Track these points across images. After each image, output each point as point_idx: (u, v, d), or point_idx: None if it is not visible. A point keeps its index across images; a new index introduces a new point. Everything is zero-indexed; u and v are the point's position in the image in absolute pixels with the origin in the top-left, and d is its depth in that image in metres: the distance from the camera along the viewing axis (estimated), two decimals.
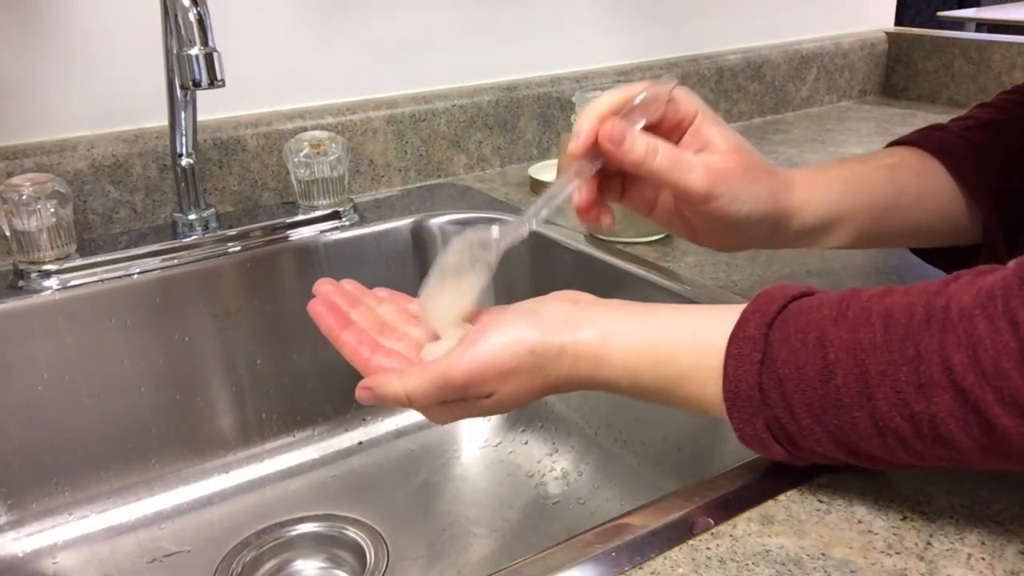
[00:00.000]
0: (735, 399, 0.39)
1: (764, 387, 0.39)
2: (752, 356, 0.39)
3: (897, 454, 0.37)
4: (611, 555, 0.38)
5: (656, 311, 0.44)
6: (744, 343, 0.39)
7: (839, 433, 0.37)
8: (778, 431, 0.39)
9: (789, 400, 0.38)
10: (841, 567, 0.37)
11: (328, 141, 0.78)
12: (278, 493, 0.75)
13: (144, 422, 0.72)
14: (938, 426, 0.34)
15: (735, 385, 0.39)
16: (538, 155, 1.02)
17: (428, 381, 0.42)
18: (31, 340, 0.67)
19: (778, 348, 0.39)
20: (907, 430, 0.35)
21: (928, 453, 0.36)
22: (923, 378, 0.34)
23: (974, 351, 0.33)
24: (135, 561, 0.68)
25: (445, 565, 0.67)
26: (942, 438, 0.35)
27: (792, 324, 0.39)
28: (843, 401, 0.36)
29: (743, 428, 0.40)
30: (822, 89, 1.29)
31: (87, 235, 0.77)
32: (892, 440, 0.36)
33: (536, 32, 1.02)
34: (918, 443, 0.35)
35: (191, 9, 0.60)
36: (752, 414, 0.39)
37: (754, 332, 0.39)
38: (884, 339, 0.36)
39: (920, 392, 0.35)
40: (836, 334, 0.37)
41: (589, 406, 0.77)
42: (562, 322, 0.44)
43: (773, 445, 0.40)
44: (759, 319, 0.40)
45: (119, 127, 0.80)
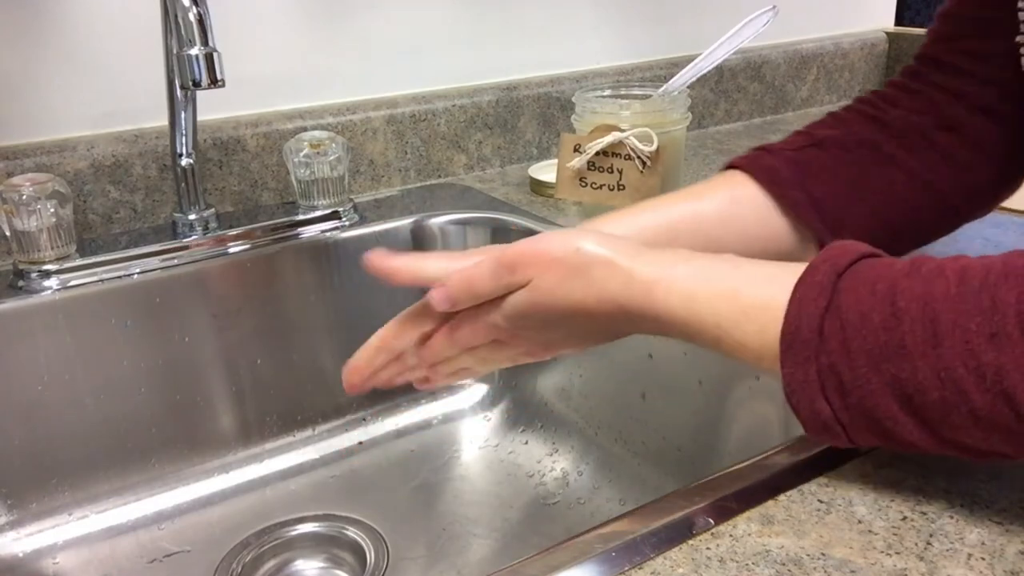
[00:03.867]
0: (792, 342, 0.38)
1: (825, 332, 0.37)
2: (817, 301, 0.38)
3: (953, 412, 0.35)
4: (611, 555, 0.38)
5: (725, 255, 0.44)
6: (811, 288, 0.39)
7: (896, 383, 0.36)
8: (830, 379, 0.37)
9: (849, 346, 0.37)
10: (841, 567, 0.37)
11: (328, 141, 0.78)
12: (278, 493, 0.75)
13: (144, 422, 0.72)
14: (1003, 379, 0.33)
15: (794, 327, 0.38)
16: (538, 155, 1.02)
17: (486, 263, 0.45)
18: (31, 340, 0.67)
19: (845, 295, 0.38)
20: (970, 382, 0.34)
21: (988, 412, 0.34)
22: (996, 327, 0.34)
23: None
24: (135, 561, 0.68)
25: (445, 565, 0.67)
26: (1005, 393, 0.33)
27: (862, 276, 0.38)
28: (907, 348, 0.35)
29: (793, 373, 0.38)
30: (822, 89, 1.29)
31: (87, 235, 0.77)
32: (951, 394, 0.35)
33: (536, 32, 1.02)
34: (978, 397, 0.34)
35: (191, 9, 0.60)
36: (806, 358, 0.38)
37: (822, 279, 0.39)
38: (958, 290, 0.35)
39: (991, 342, 0.34)
40: (908, 285, 0.37)
41: (589, 406, 0.77)
42: (624, 244, 0.44)
43: (819, 398, 0.38)
44: (829, 267, 0.39)
45: (119, 127, 0.80)
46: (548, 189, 0.88)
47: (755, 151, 0.58)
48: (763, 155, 0.58)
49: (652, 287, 0.42)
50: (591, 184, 0.74)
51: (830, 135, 0.58)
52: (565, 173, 0.76)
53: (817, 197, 0.55)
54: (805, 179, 0.55)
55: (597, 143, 0.72)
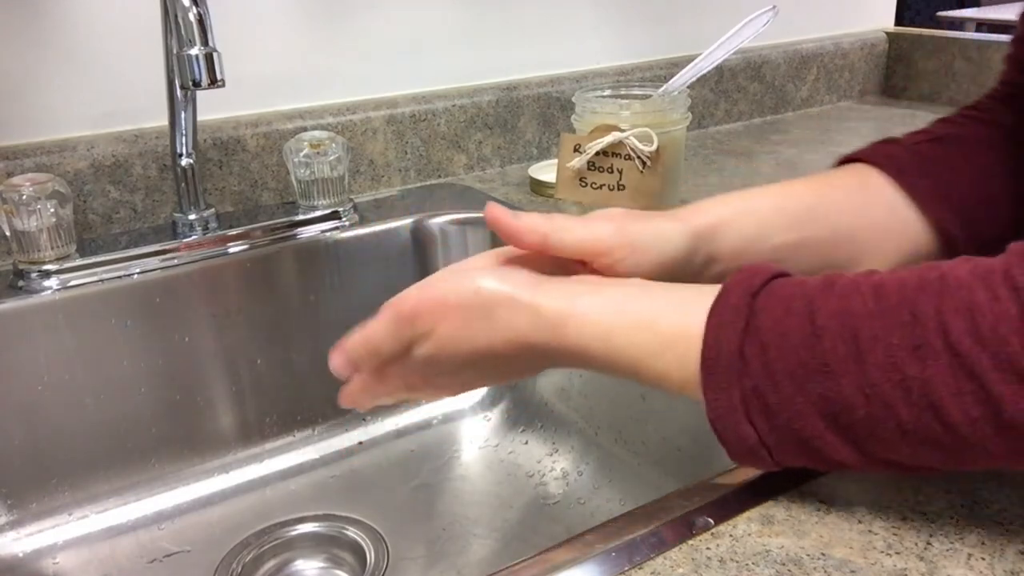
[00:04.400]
0: (713, 367, 0.37)
1: (745, 354, 0.37)
2: (735, 323, 0.37)
3: (880, 428, 0.35)
4: (611, 555, 0.38)
5: (631, 280, 0.43)
6: (726, 311, 0.38)
7: (822, 402, 0.35)
8: (755, 402, 0.37)
9: (772, 367, 0.36)
10: (841, 567, 0.37)
11: (328, 141, 0.78)
12: (278, 493, 0.75)
13: (144, 422, 0.72)
14: (930, 393, 0.33)
15: (714, 353, 0.37)
16: (538, 155, 1.02)
17: (383, 318, 0.44)
18: (31, 340, 0.67)
19: (762, 316, 0.37)
20: (896, 396, 0.34)
21: (915, 426, 0.34)
22: (918, 340, 0.33)
23: (972, 316, 0.33)
24: (135, 561, 0.68)
25: (445, 565, 0.67)
26: (933, 406, 0.33)
27: (777, 295, 0.38)
28: (830, 366, 0.35)
29: (716, 400, 0.37)
30: (822, 89, 1.29)
31: (87, 235, 0.77)
32: (878, 409, 0.34)
33: (536, 32, 1.02)
34: (905, 411, 0.34)
35: (191, 9, 0.59)
36: (729, 383, 0.37)
37: (737, 301, 0.38)
38: (876, 306, 0.35)
39: (914, 355, 0.33)
40: (824, 302, 0.36)
41: (589, 406, 0.77)
42: (525, 277, 0.43)
43: (744, 423, 0.37)
44: (743, 289, 0.38)
45: (119, 127, 0.80)
46: (548, 189, 0.88)
47: (874, 144, 0.56)
48: (885, 146, 0.56)
49: (562, 324, 0.41)
50: (591, 184, 0.74)
51: (948, 132, 0.57)
52: (565, 173, 0.76)
53: (944, 188, 0.53)
54: (931, 170, 0.53)
55: (597, 143, 0.72)
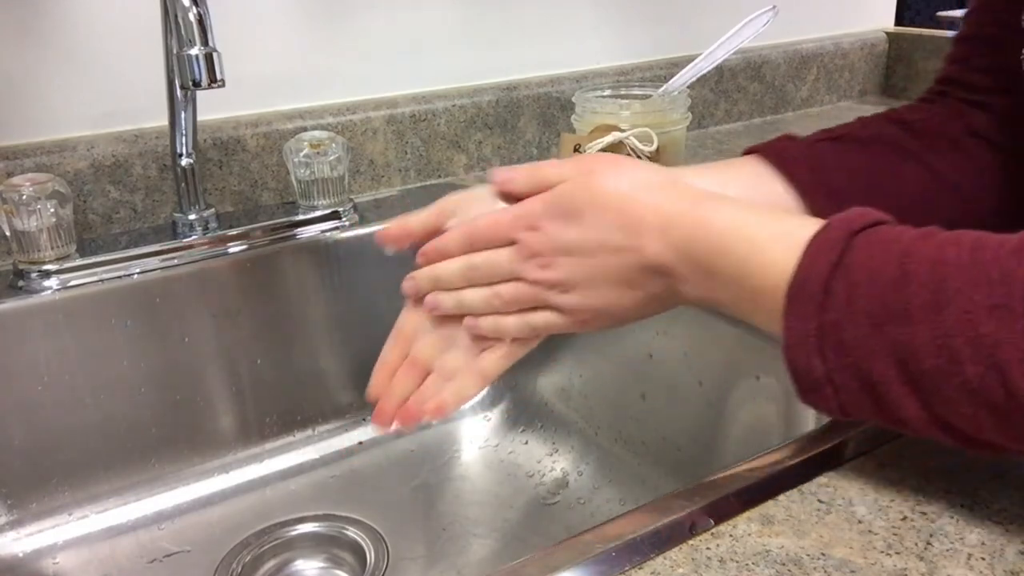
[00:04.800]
0: (798, 295, 0.38)
1: (831, 288, 0.37)
2: (829, 255, 0.38)
3: (946, 382, 0.35)
4: (611, 555, 0.38)
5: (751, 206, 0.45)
6: (824, 242, 0.38)
7: (896, 346, 0.35)
8: (831, 336, 0.37)
9: (855, 304, 0.36)
10: (841, 567, 0.37)
11: (328, 141, 0.78)
12: (278, 493, 0.75)
13: (144, 422, 0.72)
14: (998, 354, 0.33)
15: (802, 280, 0.38)
16: (538, 155, 1.02)
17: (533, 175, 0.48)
18: (31, 340, 0.67)
19: (857, 253, 0.37)
20: (965, 352, 0.34)
21: (978, 385, 0.34)
22: (999, 299, 0.33)
23: None
24: (135, 561, 0.68)
25: (445, 565, 0.67)
26: (998, 368, 0.33)
27: (877, 236, 0.38)
28: (910, 312, 0.35)
29: (793, 327, 0.38)
30: (822, 89, 1.29)
31: (87, 235, 0.77)
32: (946, 362, 0.34)
33: (536, 32, 1.02)
34: (972, 369, 0.34)
35: (191, 9, 0.59)
36: (809, 314, 0.37)
37: (837, 235, 0.38)
38: (970, 259, 0.35)
39: (991, 314, 0.33)
40: (920, 248, 0.36)
41: (589, 406, 0.77)
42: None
43: (815, 354, 0.37)
44: (845, 225, 0.39)
45: (119, 127, 0.80)
46: None
47: (774, 140, 0.58)
48: (779, 141, 0.57)
49: (700, 197, 0.44)
50: None
51: (850, 132, 0.58)
52: None
53: (832, 186, 0.54)
54: (820, 168, 0.55)
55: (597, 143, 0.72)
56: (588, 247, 0.45)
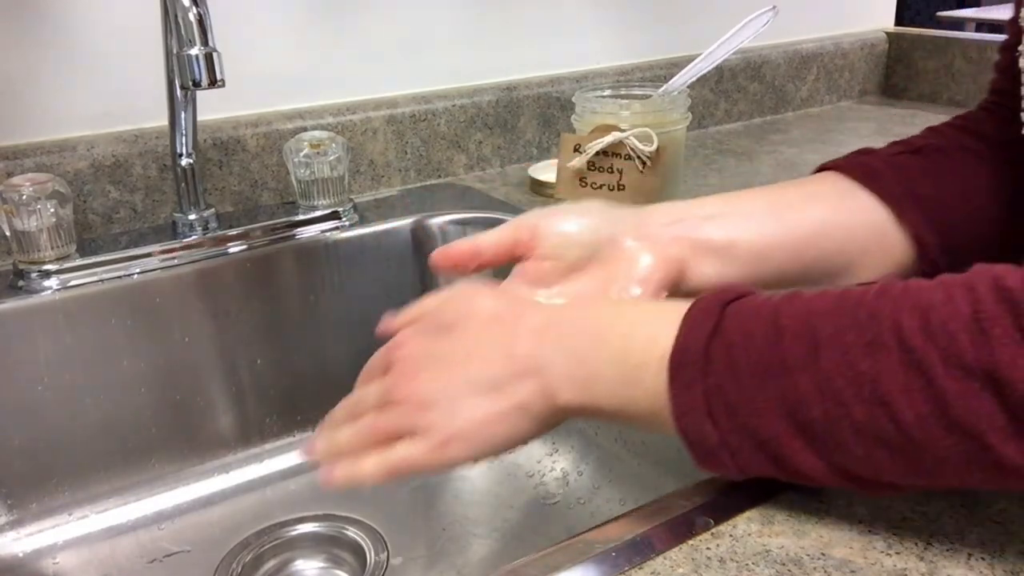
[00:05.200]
0: (679, 364, 0.38)
1: (711, 353, 0.38)
2: (704, 324, 0.38)
3: (836, 426, 0.35)
4: (611, 555, 0.38)
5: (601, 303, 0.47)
6: (699, 313, 0.39)
7: (781, 400, 0.36)
8: (717, 400, 0.37)
9: (735, 365, 0.37)
10: (841, 567, 0.37)
11: (328, 141, 0.78)
12: (278, 493, 0.75)
13: (144, 422, 0.72)
14: (879, 386, 0.33)
15: (682, 350, 0.38)
16: (538, 155, 1.02)
17: (412, 309, 0.47)
18: (31, 340, 0.67)
19: (731, 320, 0.38)
20: (849, 393, 0.34)
21: (868, 424, 0.34)
22: (871, 336, 0.34)
23: (925, 314, 0.33)
24: (135, 561, 0.68)
25: (445, 565, 0.67)
26: (882, 400, 0.33)
27: (749, 303, 0.39)
28: (788, 363, 0.36)
29: (680, 397, 0.38)
30: (822, 89, 1.29)
31: (87, 235, 0.77)
32: (832, 406, 0.35)
33: (536, 32, 1.02)
34: (858, 409, 0.34)
35: (191, 9, 0.59)
36: (692, 380, 0.38)
37: (708, 306, 0.39)
38: (836, 305, 0.36)
39: (866, 350, 0.34)
40: (789, 304, 0.38)
41: None
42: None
43: (705, 421, 0.37)
44: (716, 298, 0.40)
45: (119, 127, 0.80)
46: (548, 189, 0.88)
47: (851, 154, 0.57)
48: (859, 156, 0.56)
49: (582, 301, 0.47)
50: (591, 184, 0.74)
51: (928, 143, 0.57)
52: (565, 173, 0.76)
53: (921, 195, 0.53)
54: (907, 179, 0.53)
55: (597, 143, 0.72)
56: (455, 356, 0.43)
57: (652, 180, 0.72)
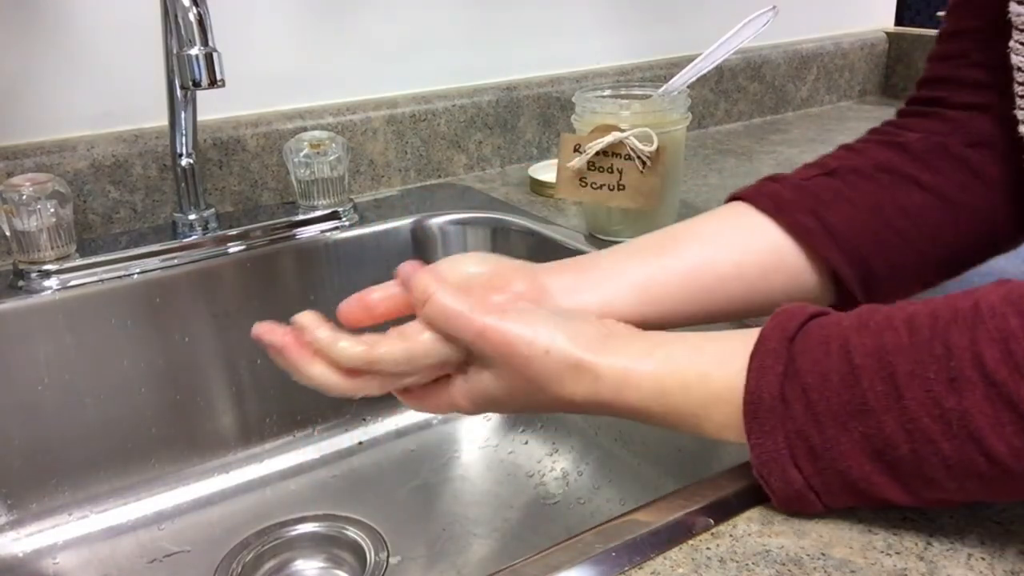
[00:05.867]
0: (756, 412, 0.38)
1: (787, 397, 0.37)
2: (774, 368, 0.38)
3: (925, 464, 0.35)
4: (611, 555, 0.38)
5: (683, 337, 0.43)
6: (765, 356, 0.39)
7: (866, 441, 0.36)
8: (800, 445, 0.37)
9: (814, 409, 0.37)
10: (841, 567, 0.37)
11: (328, 141, 0.78)
12: (278, 493, 0.75)
13: (144, 422, 0.72)
14: (969, 423, 0.33)
15: (756, 397, 0.38)
16: (538, 155, 1.02)
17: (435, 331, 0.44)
18: (31, 340, 0.67)
19: (801, 359, 0.38)
20: (936, 430, 0.34)
21: (958, 459, 0.34)
22: (954, 373, 0.34)
23: (1006, 345, 0.33)
24: (135, 561, 0.68)
25: (445, 565, 0.67)
26: (972, 436, 0.33)
27: (814, 337, 0.38)
28: (870, 405, 0.35)
29: (762, 444, 0.38)
30: (822, 89, 1.29)
31: (87, 235, 0.77)
32: (920, 445, 0.35)
33: (536, 32, 1.02)
34: (947, 445, 0.34)
35: (191, 9, 0.60)
36: (773, 427, 0.38)
37: (775, 346, 0.39)
38: (910, 341, 0.35)
39: (951, 387, 0.34)
40: (859, 341, 0.37)
41: None
42: (592, 339, 0.43)
43: (790, 467, 0.38)
44: (780, 334, 0.39)
45: (119, 127, 0.80)
46: (548, 189, 0.88)
47: (760, 181, 0.55)
48: (767, 184, 0.54)
49: (620, 386, 0.42)
50: (591, 184, 0.74)
51: (843, 164, 0.54)
52: (565, 173, 0.76)
53: (831, 224, 0.51)
54: (816, 206, 0.51)
55: (597, 143, 0.72)
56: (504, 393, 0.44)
57: (652, 180, 0.72)
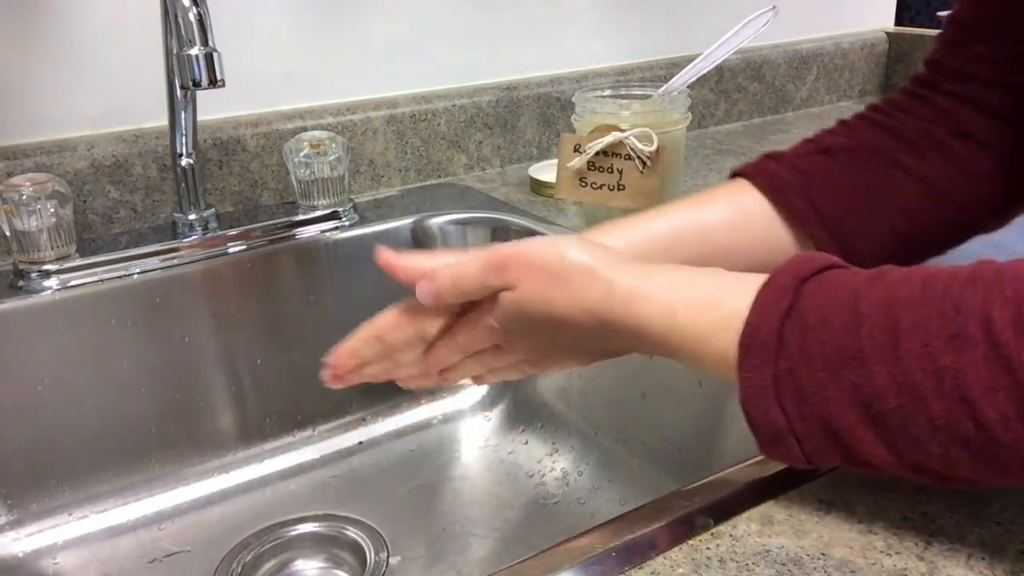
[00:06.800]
0: (750, 345, 0.37)
1: (784, 335, 0.36)
2: (779, 304, 0.37)
3: (911, 422, 0.33)
4: (611, 555, 0.38)
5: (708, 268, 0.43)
6: (773, 290, 0.38)
7: (855, 391, 0.34)
8: (787, 385, 0.36)
9: (809, 351, 0.35)
10: (841, 567, 0.37)
11: (328, 141, 0.78)
12: (278, 493, 0.75)
13: (144, 422, 0.72)
14: (962, 382, 0.32)
15: (753, 330, 0.37)
16: (538, 155, 1.02)
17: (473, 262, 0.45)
18: (31, 340, 0.67)
19: (808, 301, 0.37)
20: (927, 387, 0.32)
21: (946, 421, 0.32)
22: (956, 329, 0.32)
23: (1020, 307, 0.31)
24: (135, 561, 0.68)
25: (445, 565, 0.67)
26: (964, 398, 0.32)
27: (827, 282, 0.37)
28: (865, 352, 0.34)
29: (749, 378, 0.37)
30: (822, 89, 1.29)
31: (87, 235, 0.77)
32: (909, 401, 0.33)
33: (536, 32, 1.02)
34: (937, 405, 0.32)
35: (191, 9, 0.60)
36: (764, 362, 0.36)
37: (785, 281, 0.38)
38: (922, 294, 0.34)
39: (950, 344, 0.32)
40: (871, 290, 0.36)
41: (589, 406, 0.77)
42: (609, 254, 0.44)
43: (774, 405, 0.36)
44: (793, 273, 0.38)
45: (119, 127, 0.80)
46: (548, 189, 0.88)
47: (761, 158, 0.57)
48: (767, 162, 0.57)
49: (631, 297, 0.41)
50: (591, 184, 0.74)
51: (838, 143, 0.57)
52: (565, 173, 0.76)
53: (820, 205, 0.54)
54: (809, 187, 0.54)
55: (597, 143, 0.72)
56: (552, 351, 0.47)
57: (652, 180, 0.72)
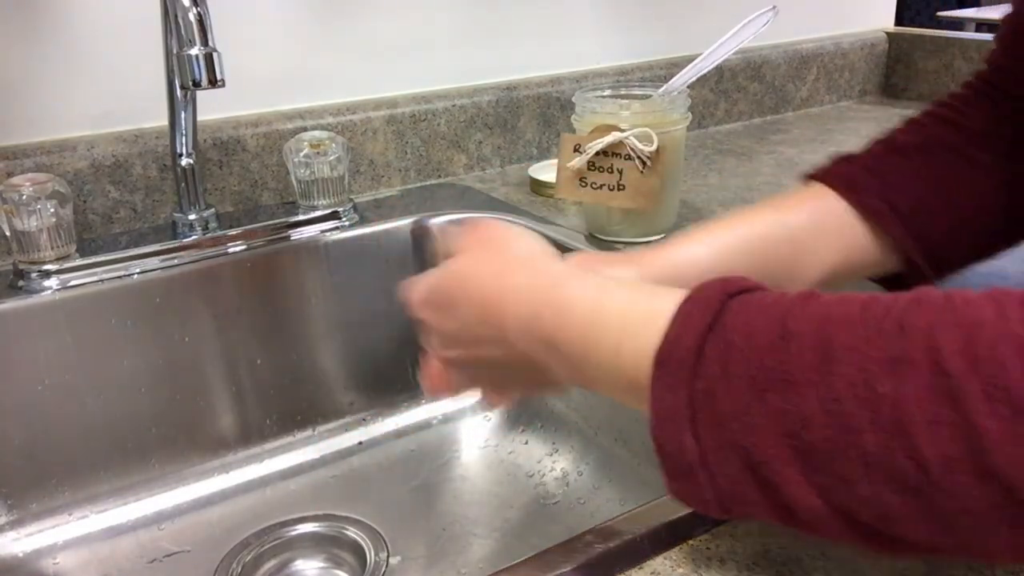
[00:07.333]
0: (666, 360, 0.33)
1: (705, 352, 0.32)
2: (701, 318, 0.33)
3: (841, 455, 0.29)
4: (611, 555, 0.38)
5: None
6: (696, 303, 0.34)
7: (780, 416, 0.30)
8: (704, 409, 0.31)
9: (730, 369, 0.31)
10: (841, 567, 0.37)
11: (328, 141, 0.78)
12: (278, 493, 0.75)
13: (144, 422, 0.72)
14: (901, 414, 0.27)
15: (671, 344, 0.33)
16: (538, 155, 1.02)
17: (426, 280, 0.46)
18: (31, 340, 0.67)
19: (733, 315, 0.32)
20: (863, 417, 0.28)
21: (880, 457, 0.28)
22: (897, 352, 0.28)
23: (970, 332, 0.27)
24: (135, 561, 0.68)
25: (445, 565, 0.67)
26: (902, 430, 0.27)
27: (757, 299, 0.33)
28: (793, 375, 0.30)
29: (661, 398, 0.32)
30: (822, 89, 1.29)
31: (87, 235, 0.77)
32: (840, 432, 0.28)
33: (536, 32, 1.02)
34: (871, 437, 0.28)
35: (191, 9, 0.60)
36: (679, 381, 0.32)
37: (710, 295, 0.34)
38: (860, 314, 0.30)
39: (890, 369, 0.28)
40: (803, 307, 0.32)
41: (589, 406, 0.77)
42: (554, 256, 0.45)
43: (686, 432, 0.32)
44: (721, 287, 0.34)
45: (119, 127, 0.80)
46: (548, 189, 0.88)
47: (834, 161, 0.57)
48: (841, 164, 0.56)
49: (563, 280, 0.40)
50: (591, 184, 0.74)
51: (909, 141, 0.57)
52: (565, 173, 0.76)
53: (897, 205, 0.53)
54: (885, 187, 0.54)
55: (597, 143, 0.72)
56: (467, 338, 0.45)
57: (652, 180, 0.72)
